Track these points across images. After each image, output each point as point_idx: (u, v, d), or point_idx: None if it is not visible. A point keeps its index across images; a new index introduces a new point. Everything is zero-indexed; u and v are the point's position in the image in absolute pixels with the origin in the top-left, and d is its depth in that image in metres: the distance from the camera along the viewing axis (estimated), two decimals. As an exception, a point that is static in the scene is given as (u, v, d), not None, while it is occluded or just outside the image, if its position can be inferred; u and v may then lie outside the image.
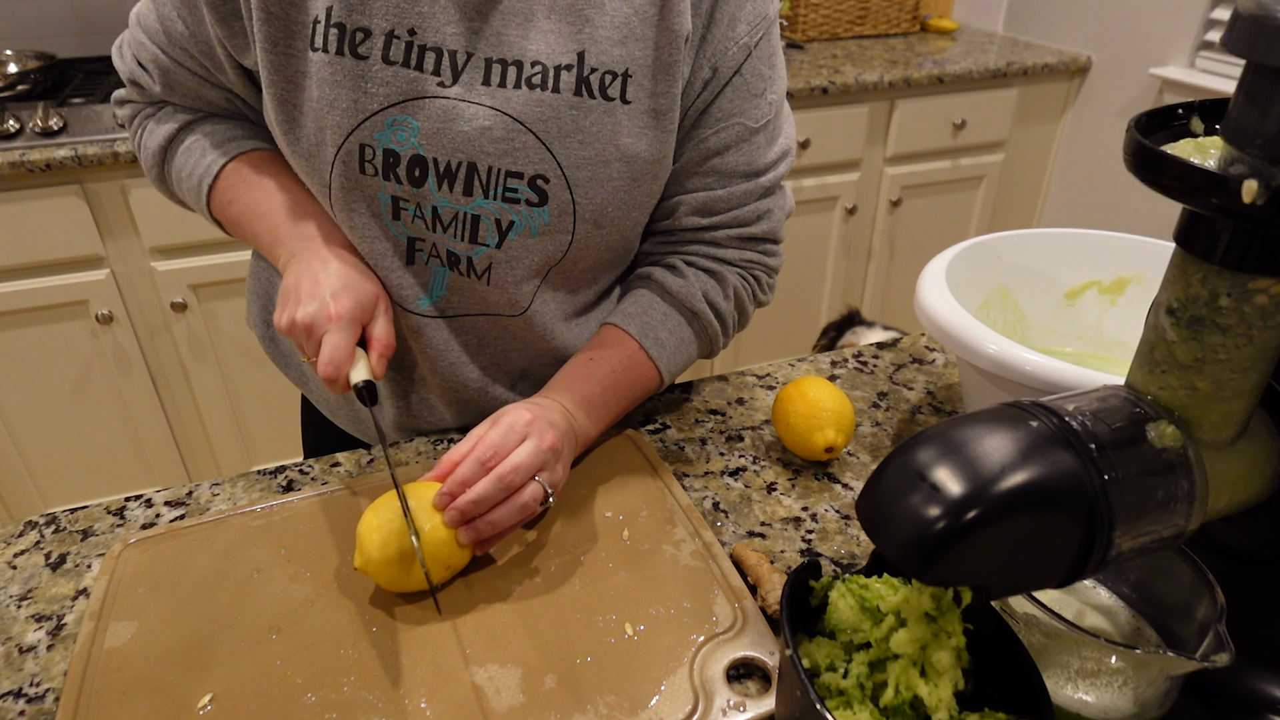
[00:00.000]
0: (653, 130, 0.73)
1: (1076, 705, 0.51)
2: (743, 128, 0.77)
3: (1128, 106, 2.34)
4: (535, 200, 0.72)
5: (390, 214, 0.74)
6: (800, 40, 2.44)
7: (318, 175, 0.74)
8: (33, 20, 2.05)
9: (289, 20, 0.68)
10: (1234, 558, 0.54)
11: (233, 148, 0.80)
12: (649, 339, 0.81)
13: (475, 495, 0.64)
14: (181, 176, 0.81)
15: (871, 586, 0.51)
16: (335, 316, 0.67)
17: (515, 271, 0.77)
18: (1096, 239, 0.89)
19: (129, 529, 0.76)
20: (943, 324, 0.73)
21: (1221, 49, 1.35)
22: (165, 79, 0.78)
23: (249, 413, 2.02)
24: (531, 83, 0.69)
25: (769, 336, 2.44)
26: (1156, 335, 0.47)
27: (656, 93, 0.72)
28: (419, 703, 0.58)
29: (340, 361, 0.66)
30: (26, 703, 0.61)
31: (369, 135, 0.70)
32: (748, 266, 0.85)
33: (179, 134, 0.81)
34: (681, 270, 0.83)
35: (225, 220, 0.82)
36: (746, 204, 0.81)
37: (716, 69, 0.74)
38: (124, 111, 0.85)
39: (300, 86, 0.70)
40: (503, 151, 0.70)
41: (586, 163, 0.72)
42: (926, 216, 2.44)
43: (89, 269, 1.74)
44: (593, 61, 0.70)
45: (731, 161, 0.78)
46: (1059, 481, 0.42)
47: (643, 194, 0.77)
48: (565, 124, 0.70)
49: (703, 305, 0.83)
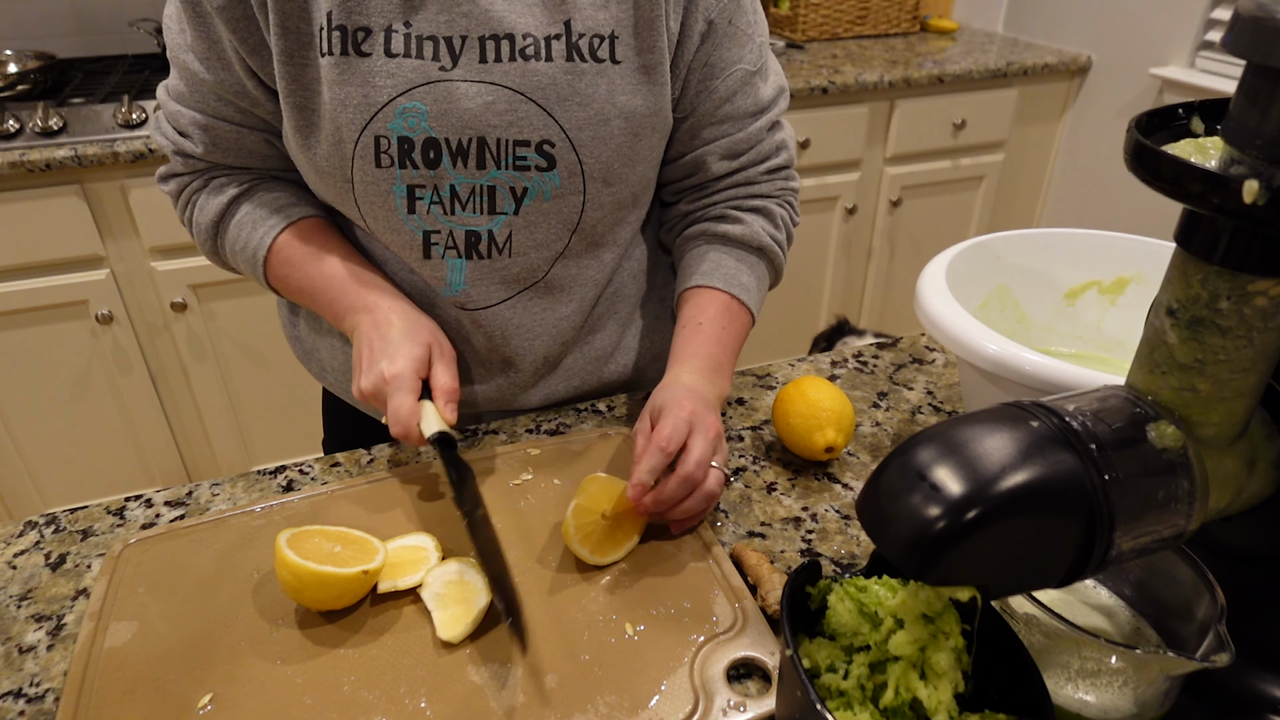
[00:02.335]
0: (645, 85, 0.78)
1: (1077, 705, 0.51)
2: (744, 72, 0.83)
3: (1128, 106, 2.34)
4: (544, 165, 0.77)
5: (406, 207, 0.77)
6: (800, 40, 2.44)
7: (340, 174, 0.76)
8: (33, 20, 2.05)
9: (298, 32, 0.72)
10: (1234, 558, 0.54)
11: (279, 220, 0.82)
12: (736, 287, 0.86)
13: (666, 495, 0.69)
14: (236, 250, 0.84)
15: (870, 589, 0.51)
16: (391, 379, 0.72)
17: (535, 235, 0.81)
18: (1096, 239, 0.89)
19: (129, 529, 0.76)
20: (943, 324, 0.73)
21: (1221, 49, 1.35)
22: (207, 137, 0.80)
23: (249, 413, 2.02)
24: (525, 54, 0.73)
25: (769, 336, 2.44)
26: (1156, 336, 0.47)
27: (643, 49, 0.77)
28: (419, 703, 0.58)
29: (405, 420, 0.71)
30: (26, 703, 0.61)
31: (382, 126, 0.73)
32: (781, 194, 0.92)
33: (229, 208, 0.83)
34: (734, 216, 0.88)
35: (284, 291, 0.86)
36: (763, 139, 0.87)
37: (711, 21, 0.79)
38: (170, 186, 0.86)
39: (315, 92, 0.74)
40: (508, 123, 0.74)
41: (587, 123, 0.76)
42: (926, 216, 2.44)
43: (89, 269, 1.74)
44: (579, 27, 0.74)
45: (740, 105, 0.84)
46: (1059, 481, 0.42)
47: (644, 147, 0.81)
48: (562, 89, 0.74)
49: (768, 241, 0.89)
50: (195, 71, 0.76)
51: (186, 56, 0.76)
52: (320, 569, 0.62)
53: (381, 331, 0.76)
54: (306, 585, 0.62)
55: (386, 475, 0.80)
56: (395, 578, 0.66)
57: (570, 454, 0.83)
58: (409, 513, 0.75)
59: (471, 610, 0.63)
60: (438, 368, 0.76)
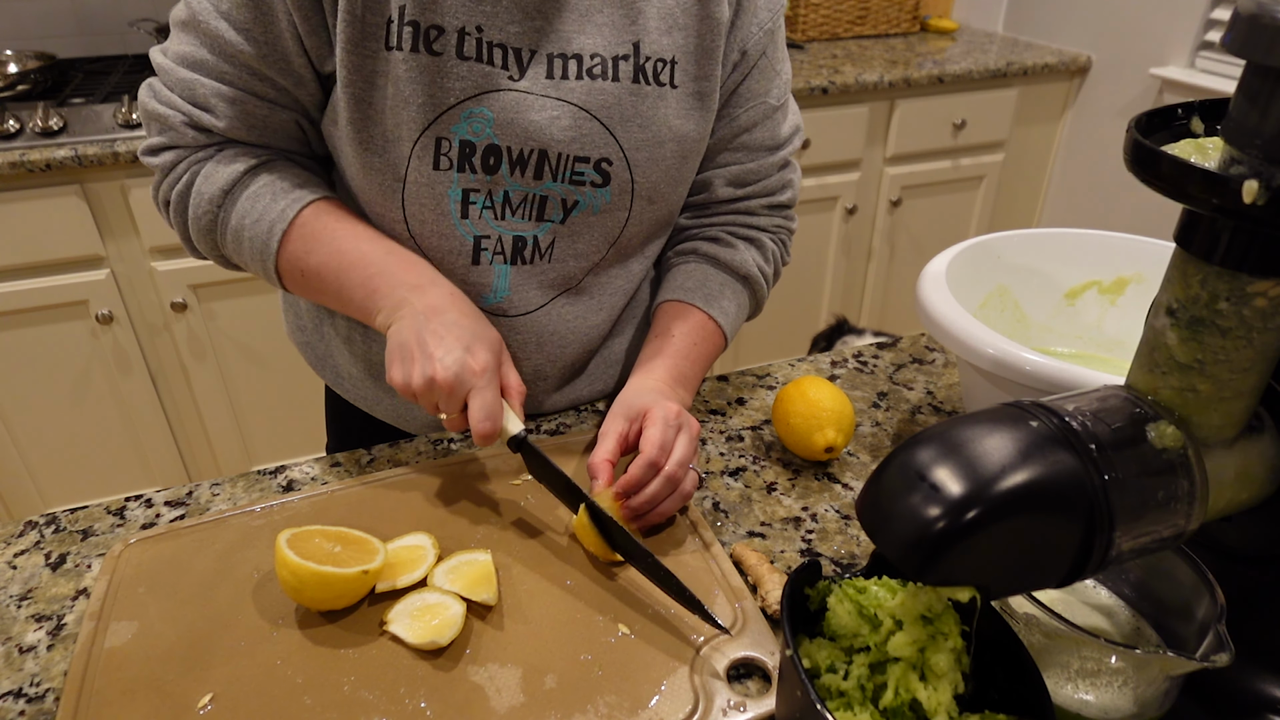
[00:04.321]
0: (698, 111, 0.80)
1: (1077, 705, 0.51)
2: (767, 105, 0.85)
3: (1128, 106, 2.34)
4: (599, 181, 0.78)
5: (460, 212, 0.77)
6: (800, 40, 2.44)
7: (391, 172, 0.75)
8: (33, 20, 2.05)
9: (365, 22, 0.70)
10: (1234, 558, 0.54)
11: (306, 193, 0.76)
12: (714, 308, 0.87)
13: (648, 495, 0.70)
14: (244, 223, 0.76)
15: (869, 590, 0.51)
16: (480, 371, 0.68)
17: (576, 245, 0.82)
18: (1096, 239, 0.89)
19: (129, 529, 0.76)
20: (943, 324, 0.73)
21: (1221, 49, 1.35)
22: (234, 110, 0.74)
23: (249, 413, 2.02)
24: (593, 73, 0.74)
25: (769, 336, 2.44)
26: (1156, 336, 0.47)
27: (699, 76, 0.78)
28: (419, 703, 0.58)
29: (496, 416, 0.68)
30: (26, 703, 0.61)
31: (446, 128, 0.73)
32: (776, 231, 0.93)
33: (244, 178, 0.76)
34: (728, 241, 0.90)
35: (296, 271, 0.77)
36: (771, 175, 0.89)
37: (745, 52, 0.80)
38: (165, 157, 0.77)
39: (376, 85, 0.72)
40: (571, 139, 0.75)
41: (645, 144, 0.78)
42: (926, 216, 2.44)
43: (89, 269, 1.74)
44: (646, 50, 0.75)
45: (758, 137, 0.86)
46: (1059, 481, 0.42)
47: (688, 170, 0.84)
48: (626, 110, 0.76)
49: (754, 271, 0.90)
50: (229, 41, 0.70)
51: (219, 24, 0.70)
52: (320, 569, 0.62)
53: (445, 317, 0.70)
54: (306, 585, 0.62)
55: (386, 475, 0.80)
56: (395, 578, 0.66)
57: (570, 454, 0.83)
58: (409, 513, 0.75)
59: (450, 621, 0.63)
60: (508, 366, 0.73)
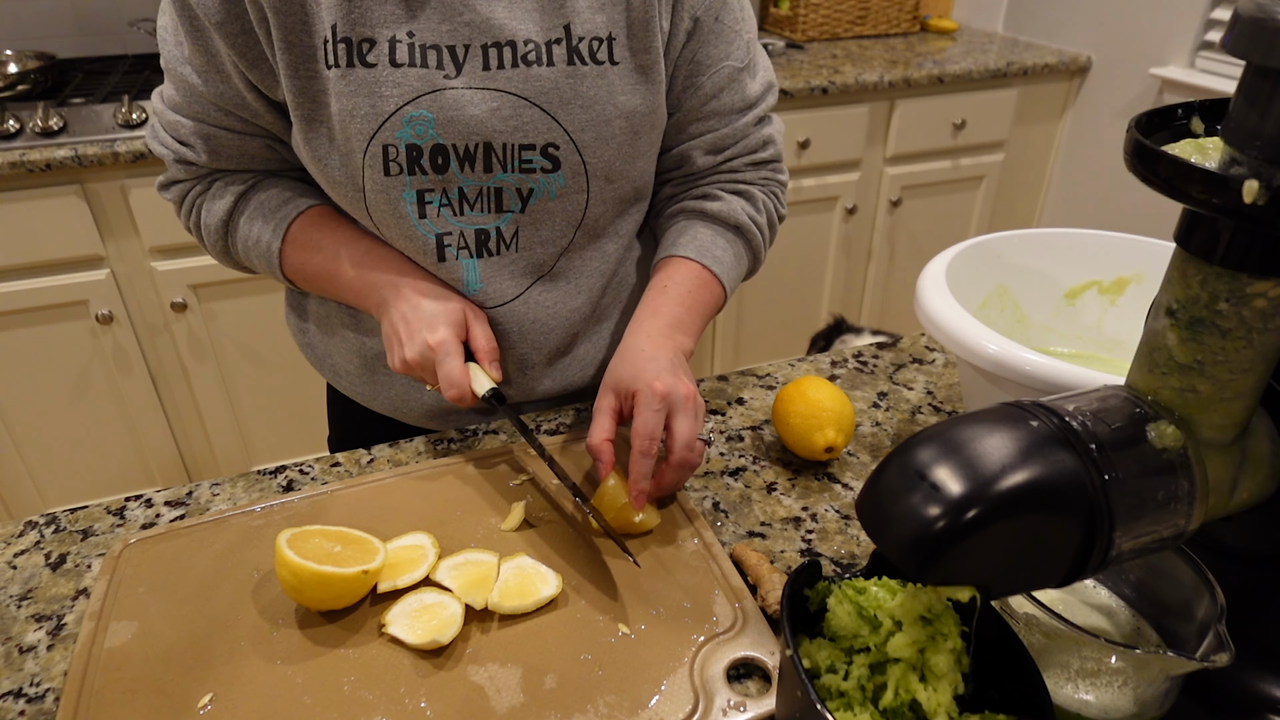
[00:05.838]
0: (643, 85, 0.79)
1: (1077, 705, 0.51)
2: (731, 69, 0.84)
3: (1128, 106, 2.34)
4: (549, 167, 0.78)
5: (417, 213, 0.79)
6: (800, 40, 2.44)
7: (350, 183, 0.77)
8: (33, 20, 2.05)
9: (302, 45, 0.72)
10: (1234, 558, 0.54)
11: (290, 210, 0.83)
12: (708, 258, 0.86)
13: (667, 484, 0.73)
14: (249, 246, 0.85)
15: (868, 591, 0.51)
16: (436, 345, 0.75)
17: (540, 232, 0.83)
18: (1096, 239, 0.89)
19: (129, 529, 0.76)
20: (943, 324, 0.73)
21: (1221, 49, 1.35)
22: (209, 145, 0.81)
23: (249, 413, 2.02)
24: (527, 60, 0.74)
25: (769, 336, 2.44)
26: (1156, 336, 0.47)
27: (638, 49, 0.78)
28: (419, 703, 0.58)
29: (460, 381, 0.74)
30: (26, 703, 0.61)
31: (390, 135, 0.74)
32: (765, 184, 0.93)
33: (236, 207, 0.84)
34: (715, 195, 0.90)
35: (301, 279, 0.86)
36: (749, 134, 0.89)
37: (697, 19, 0.80)
38: (172, 194, 0.87)
39: (322, 104, 0.75)
40: (513, 128, 0.76)
41: (590, 124, 0.77)
42: (926, 216, 2.44)
43: (89, 269, 1.74)
44: (579, 31, 0.75)
45: (727, 101, 0.85)
46: (1059, 481, 0.42)
47: (644, 144, 0.83)
48: (565, 93, 0.76)
49: (745, 219, 0.89)
50: (193, 84, 0.76)
51: (184, 69, 0.76)
52: (320, 569, 0.62)
53: (413, 304, 0.78)
54: (306, 585, 0.62)
55: (386, 475, 0.80)
56: (395, 578, 0.66)
57: (570, 453, 0.83)
58: (409, 513, 0.75)
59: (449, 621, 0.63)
60: (475, 330, 0.79)
